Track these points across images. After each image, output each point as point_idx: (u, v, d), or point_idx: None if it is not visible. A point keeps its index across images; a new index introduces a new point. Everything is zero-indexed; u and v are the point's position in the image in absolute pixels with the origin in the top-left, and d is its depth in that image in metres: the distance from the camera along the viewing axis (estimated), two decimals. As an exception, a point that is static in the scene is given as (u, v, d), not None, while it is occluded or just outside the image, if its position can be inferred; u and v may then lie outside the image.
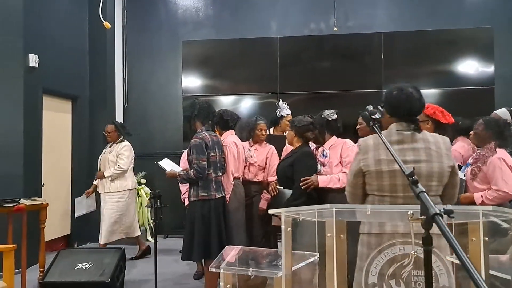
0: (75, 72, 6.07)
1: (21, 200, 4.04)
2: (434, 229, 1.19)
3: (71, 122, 6.10)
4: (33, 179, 5.07)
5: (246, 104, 6.53)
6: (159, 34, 6.91)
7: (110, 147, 5.25)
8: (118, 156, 5.10)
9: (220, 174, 3.65)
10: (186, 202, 4.32)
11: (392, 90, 2.10)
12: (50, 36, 5.50)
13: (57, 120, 5.79)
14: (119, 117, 6.77)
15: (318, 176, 3.38)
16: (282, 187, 3.58)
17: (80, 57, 6.21)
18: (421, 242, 1.27)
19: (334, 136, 3.52)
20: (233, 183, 3.79)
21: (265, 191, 4.00)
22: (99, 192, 5.16)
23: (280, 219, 3.65)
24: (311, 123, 3.54)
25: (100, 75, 6.37)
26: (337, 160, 3.41)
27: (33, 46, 5.07)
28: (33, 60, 5.03)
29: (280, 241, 4.34)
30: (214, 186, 3.55)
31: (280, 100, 5.00)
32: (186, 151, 4.62)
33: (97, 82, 6.35)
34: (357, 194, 2.10)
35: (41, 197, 4.71)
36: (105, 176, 5.06)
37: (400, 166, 1.46)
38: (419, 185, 1.26)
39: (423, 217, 1.18)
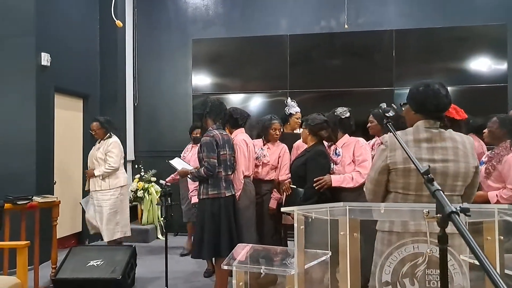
0: (86, 71, 6.11)
1: (33, 197, 4.08)
2: (448, 228, 1.18)
3: (82, 120, 6.14)
4: (45, 176, 5.11)
5: (255, 102, 6.53)
6: (169, 32, 6.93)
7: (98, 143, 5.07)
8: (107, 154, 4.89)
9: (230, 172, 3.65)
10: (193, 200, 4.33)
11: (418, 86, 2.05)
12: (62, 35, 5.53)
13: (68, 118, 5.84)
14: (130, 116, 6.81)
15: (332, 175, 3.35)
16: (295, 186, 3.56)
17: (91, 55, 6.26)
18: (435, 240, 1.26)
19: (347, 135, 3.49)
20: (243, 181, 3.77)
21: (275, 190, 3.98)
22: (90, 190, 4.98)
23: (292, 217, 3.64)
24: (325, 121, 3.50)
25: (110, 74, 6.41)
26: (350, 158, 3.39)
27: (45, 45, 5.11)
28: (45, 59, 5.07)
29: (290, 240, 4.33)
30: (224, 185, 3.55)
31: (289, 98, 4.99)
32: (189, 147, 4.61)
33: (107, 81, 6.39)
34: (379, 192, 2.07)
35: (53, 195, 4.75)
36: (95, 175, 4.86)
37: (415, 164, 1.44)
38: (435, 183, 1.24)
39: (438, 215, 1.16)
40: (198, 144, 5.09)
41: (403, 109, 2.13)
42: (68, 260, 4.21)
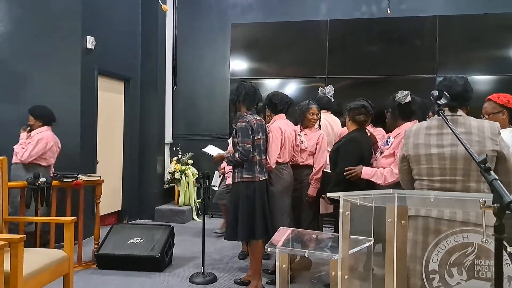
0: (128, 54, 6.24)
1: (79, 175, 4.24)
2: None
3: (123, 103, 6.30)
4: (88, 156, 5.30)
5: (292, 88, 6.50)
6: (208, 17, 6.96)
7: None
8: None
9: (264, 157, 3.66)
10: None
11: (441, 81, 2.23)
12: (106, 18, 5.65)
13: (111, 100, 5.99)
14: (168, 99, 6.93)
15: (364, 167, 3.26)
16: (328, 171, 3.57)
17: (133, 39, 6.37)
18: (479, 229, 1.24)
19: (408, 123, 3.22)
20: (272, 168, 3.74)
21: (315, 178, 3.95)
22: None
23: (326, 202, 3.62)
24: (362, 106, 3.45)
25: (151, 58, 6.52)
26: (389, 151, 3.23)
27: (90, 28, 5.24)
28: (90, 42, 5.20)
29: (325, 227, 4.32)
30: (258, 169, 3.57)
31: (327, 86, 4.92)
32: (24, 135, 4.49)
33: (148, 64, 6.51)
34: (404, 179, 2.23)
35: (95, 174, 4.91)
36: None
37: (470, 153, 1.42)
38: (492, 172, 1.23)
39: (496, 205, 1.15)
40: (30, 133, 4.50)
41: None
42: (110, 237, 4.38)
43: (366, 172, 3.24)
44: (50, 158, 4.52)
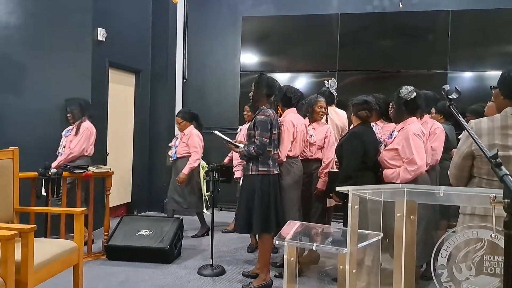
0: (139, 47, 6.26)
1: (89, 167, 4.28)
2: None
3: (134, 95, 6.33)
4: (99, 148, 5.32)
5: (302, 82, 6.48)
6: (219, 10, 6.95)
7: None
8: None
9: (276, 151, 3.65)
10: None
11: (510, 71, 2.04)
12: (117, 10, 5.68)
13: (121, 92, 6.02)
14: (179, 92, 6.95)
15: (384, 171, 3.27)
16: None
17: (144, 31, 6.39)
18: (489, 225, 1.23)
19: (414, 118, 3.24)
20: (283, 160, 3.74)
21: (325, 172, 3.96)
22: None
23: (335, 200, 3.65)
24: (365, 102, 3.48)
25: (162, 50, 6.54)
26: (392, 145, 3.23)
27: (101, 20, 5.26)
28: (101, 34, 5.22)
29: (333, 221, 4.31)
30: (271, 163, 3.55)
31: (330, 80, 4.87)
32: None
33: (159, 57, 6.53)
34: (464, 177, 2.12)
35: (106, 166, 4.95)
36: None
37: (481, 149, 1.41)
38: (503, 167, 1.22)
39: (506, 200, 1.14)
40: None
41: (493, 92, 2.11)
42: (120, 229, 4.42)
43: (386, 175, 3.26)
44: None
